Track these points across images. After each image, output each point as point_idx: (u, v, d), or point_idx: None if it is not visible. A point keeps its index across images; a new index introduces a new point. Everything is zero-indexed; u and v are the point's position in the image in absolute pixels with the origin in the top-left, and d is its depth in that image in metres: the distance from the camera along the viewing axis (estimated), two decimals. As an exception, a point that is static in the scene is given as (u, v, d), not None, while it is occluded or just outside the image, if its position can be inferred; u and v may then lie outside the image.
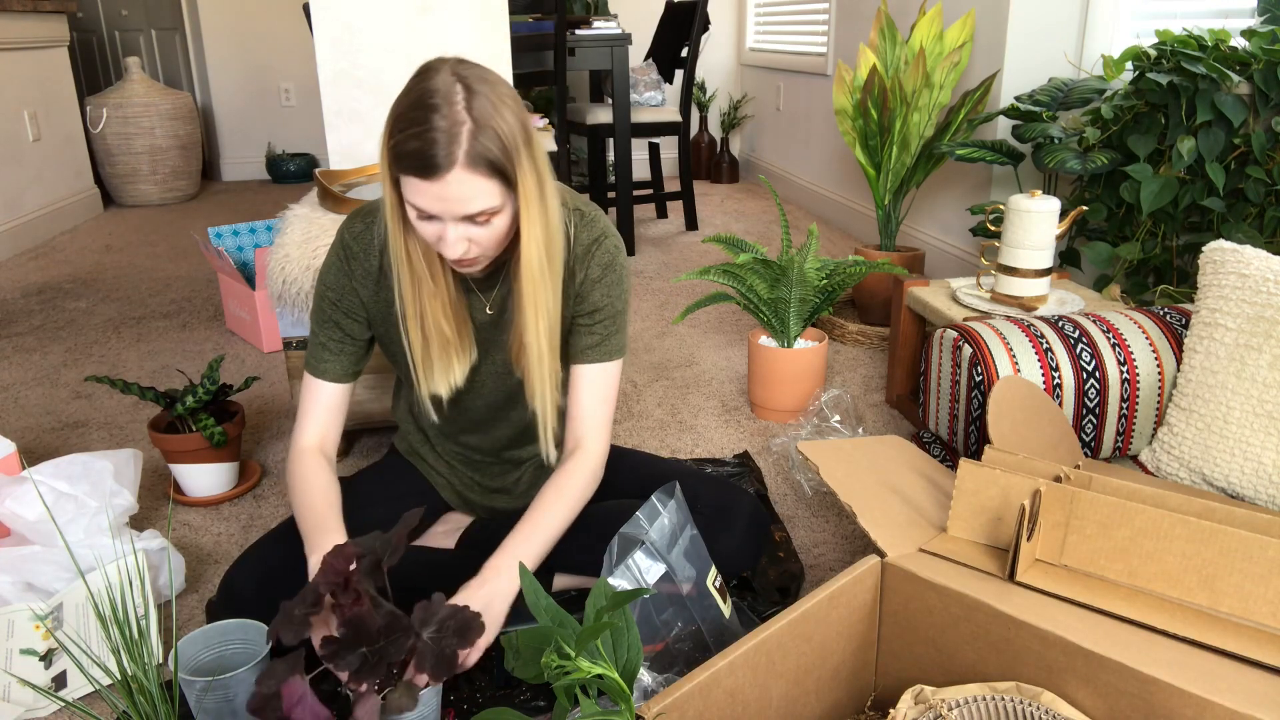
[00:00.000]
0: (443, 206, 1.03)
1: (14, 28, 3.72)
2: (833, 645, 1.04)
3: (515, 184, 1.06)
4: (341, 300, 1.24)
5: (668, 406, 2.13)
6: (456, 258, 1.08)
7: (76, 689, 1.22)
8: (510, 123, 1.03)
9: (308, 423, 1.27)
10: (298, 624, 0.94)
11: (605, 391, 1.27)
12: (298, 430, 1.27)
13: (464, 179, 1.01)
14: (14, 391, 2.26)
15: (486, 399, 1.31)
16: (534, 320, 1.16)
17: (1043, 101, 2.28)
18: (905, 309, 2.03)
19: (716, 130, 5.23)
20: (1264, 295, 1.34)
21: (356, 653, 0.92)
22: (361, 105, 2.02)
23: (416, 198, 1.03)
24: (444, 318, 1.19)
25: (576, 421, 1.27)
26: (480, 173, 1.02)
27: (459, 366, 1.23)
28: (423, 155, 1.00)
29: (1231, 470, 1.35)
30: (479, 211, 1.04)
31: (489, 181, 1.03)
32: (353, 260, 1.22)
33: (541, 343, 1.17)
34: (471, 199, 1.03)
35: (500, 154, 1.02)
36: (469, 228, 1.06)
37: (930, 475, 1.31)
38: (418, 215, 1.06)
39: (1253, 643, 0.93)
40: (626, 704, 0.83)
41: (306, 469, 1.23)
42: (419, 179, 1.01)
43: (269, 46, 5.17)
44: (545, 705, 1.16)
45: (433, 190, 1.02)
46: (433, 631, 0.95)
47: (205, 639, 1.11)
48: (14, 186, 3.69)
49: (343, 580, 0.95)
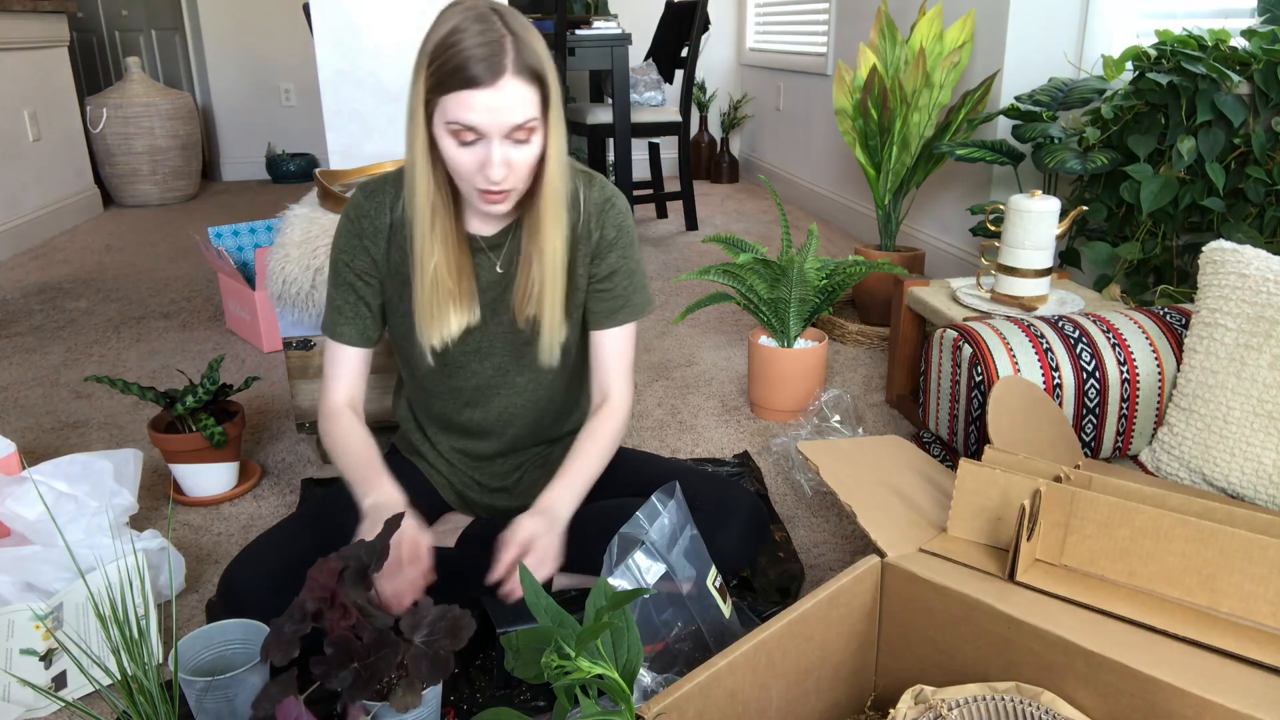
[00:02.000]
0: (492, 118, 1.06)
1: (14, 28, 3.72)
2: (833, 645, 1.04)
3: (549, 103, 1.11)
4: (354, 262, 1.28)
5: (668, 406, 2.13)
6: (499, 180, 1.10)
7: (76, 689, 1.22)
8: (541, 46, 1.10)
9: (335, 384, 1.33)
10: (286, 644, 0.94)
11: (628, 347, 1.35)
12: (326, 392, 1.33)
13: (514, 86, 1.06)
14: (14, 391, 2.26)
15: (495, 361, 1.33)
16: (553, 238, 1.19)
17: (1043, 101, 2.28)
18: (905, 309, 2.03)
19: (716, 130, 5.23)
20: (1264, 295, 1.34)
21: (349, 669, 0.92)
22: (361, 105, 2.02)
23: (464, 113, 1.06)
24: (448, 270, 1.22)
25: (603, 374, 1.34)
26: (527, 80, 1.06)
27: (455, 319, 1.26)
28: (473, 67, 1.04)
29: (1231, 470, 1.35)
30: (524, 122, 1.07)
31: (533, 91, 1.08)
32: (363, 219, 1.26)
33: (557, 263, 1.22)
34: (519, 106, 1.07)
35: (540, 65, 1.08)
36: (509, 148, 1.09)
37: (930, 475, 1.31)
38: (459, 143, 1.09)
39: (1253, 643, 0.93)
40: (626, 704, 0.83)
41: (343, 426, 1.30)
42: (469, 90, 1.05)
43: (269, 46, 5.17)
44: (545, 705, 1.16)
45: (483, 99, 1.05)
46: (424, 636, 0.95)
47: (205, 639, 1.11)
48: (14, 186, 3.69)
49: (329, 595, 0.95)
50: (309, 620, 0.95)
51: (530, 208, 1.21)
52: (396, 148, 2.07)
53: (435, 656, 0.94)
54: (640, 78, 3.84)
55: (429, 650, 0.94)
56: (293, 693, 0.90)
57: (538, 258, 1.22)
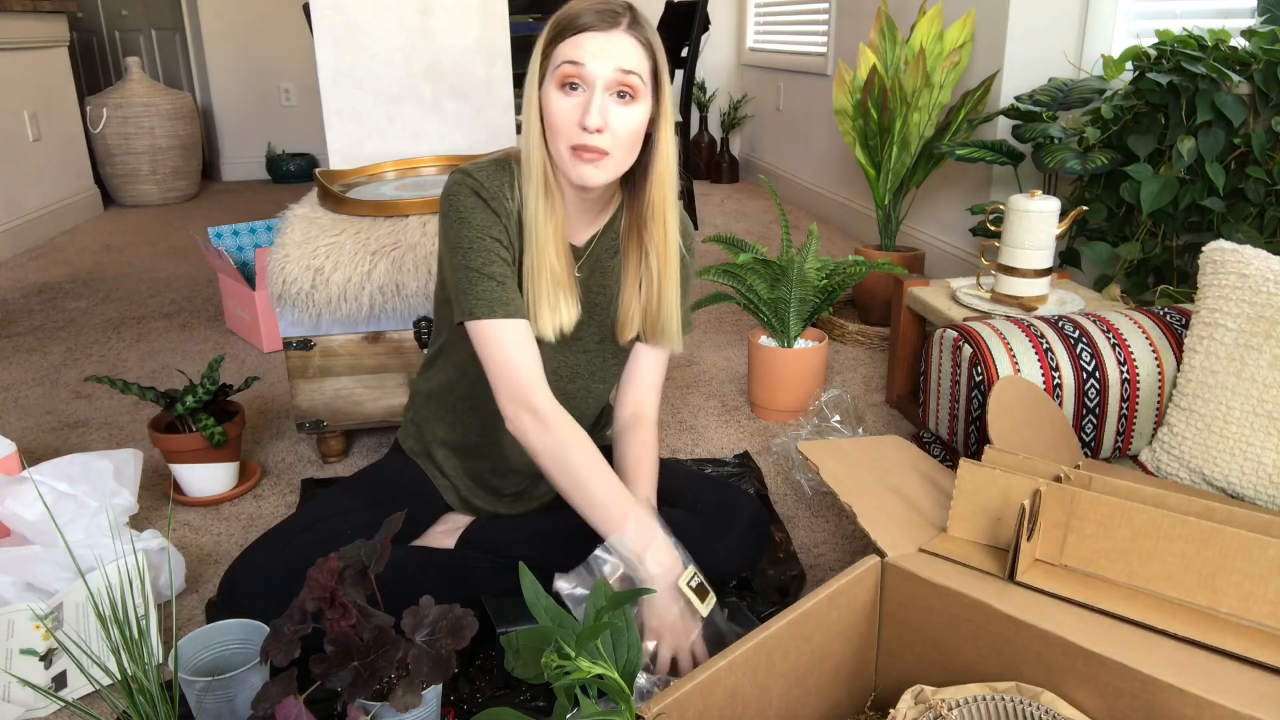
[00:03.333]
0: (600, 57, 1.08)
1: (14, 28, 3.72)
2: (833, 645, 1.04)
3: (660, 84, 1.13)
4: (500, 235, 1.18)
5: (668, 406, 2.13)
6: (594, 127, 1.08)
7: (76, 689, 1.22)
8: (660, 39, 1.13)
9: (533, 376, 1.15)
10: (287, 644, 0.94)
11: (664, 365, 1.36)
12: (527, 388, 1.14)
13: (626, 39, 1.09)
14: (14, 391, 2.26)
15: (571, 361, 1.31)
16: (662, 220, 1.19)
17: (1043, 101, 2.28)
18: (905, 309, 2.03)
19: (716, 130, 5.23)
20: (1264, 295, 1.34)
21: (349, 668, 0.92)
22: (361, 105, 2.02)
23: (574, 51, 1.08)
24: (556, 253, 1.18)
25: (641, 389, 1.33)
26: (639, 42, 1.10)
27: (566, 311, 1.20)
28: (588, 15, 1.08)
29: (1231, 470, 1.35)
30: (631, 69, 1.09)
31: (644, 54, 1.11)
32: (491, 200, 1.17)
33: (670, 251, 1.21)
34: (628, 55, 1.09)
35: (656, 43, 1.12)
36: (613, 103, 1.10)
37: (930, 475, 1.31)
38: (563, 90, 1.10)
39: (1253, 643, 0.93)
40: (626, 704, 0.83)
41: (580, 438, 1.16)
42: (587, 32, 1.08)
43: (269, 46, 5.17)
44: (545, 705, 1.16)
45: (595, 40, 1.08)
46: (425, 635, 0.95)
47: (205, 639, 1.12)
48: (14, 186, 3.69)
49: (329, 595, 0.95)
50: (309, 620, 0.95)
51: (637, 198, 1.20)
52: (397, 147, 2.07)
53: (437, 656, 0.94)
54: (640, 78, 3.84)
55: (431, 649, 0.94)
56: (293, 692, 0.90)
57: (653, 247, 1.20)
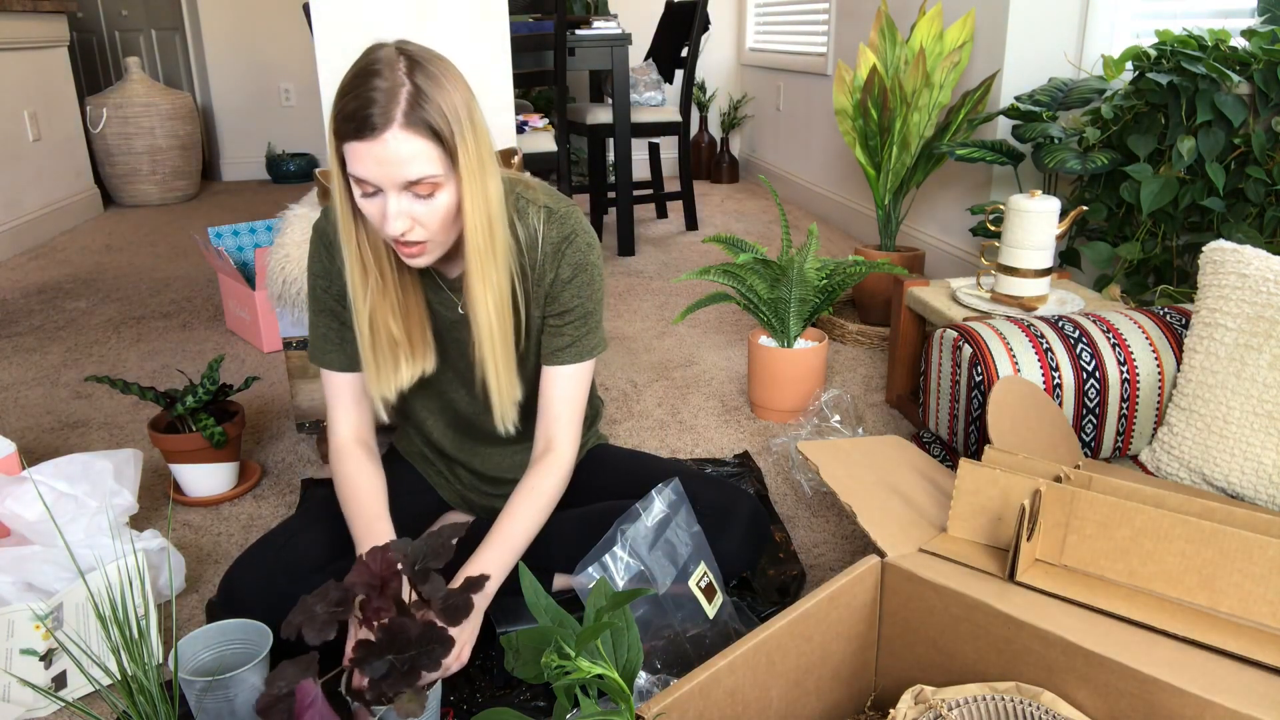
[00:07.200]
0: (381, 171, 1.01)
1: (14, 28, 3.72)
2: (833, 645, 1.04)
3: (456, 158, 1.03)
4: (331, 286, 1.23)
5: (668, 406, 2.13)
6: (399, 234, 1.05)
7: (76, 689, 1.22)
8: (453, 98, 1.03)
9: (338, 416, 1.26)
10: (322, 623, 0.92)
11: (576, 391, 1.26)
12: (331, 426, 1.27)
13: (401, 138, 0.99)
14: (14, 391, 2.26)
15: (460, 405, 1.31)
16: (483, 296, 1.12)
17: (1043, 101, 2.28)
18: (905, 309, 2.03)
19: (716, 130, 5.23)
20: (1264, 295, 1.34)
21: (384, 659, 0.91)
22: (361, 105, 2.02)
23: (358, 166, 1.02)
24: (392, 316, 1.16)
25: (548, 422, 1.25)
26: (419, 133, 1.00)
27: (407, 369, 1.20)
28: (360, 115, 0.99)
29: (1231, 470, 1.35)
30: (418, 179, 1.02)
31: (428, 144, 1.01)
32: (332, 248, 1.20)
33: (493, 322, 1.14)
34: (410, 161, 1.00)
35: (440, 120, 1.01)
36: (411, 202, 1.04)
37: (930, 475, 1.31)
38: (362, 193, 1.05)
39: (1253, 643, 0.93)
40: (626, 704, 0.83)
41: (349, 468, 1.23)
42: (358, 141, 1.00)
43: (269, 46, 5.17)
44: (545, 705, 1.16)
45: (372, 152, 1.00)
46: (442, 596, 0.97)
47: (205, 639, 1.12)
48: (14, 186, 3.69)
49: (379, 585, 0.94)
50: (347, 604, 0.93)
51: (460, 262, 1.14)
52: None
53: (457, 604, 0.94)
54: (640, 78, 3.84)
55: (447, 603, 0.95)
56: (313, 674, 0.89)
57: (472, 318, 1.14)
